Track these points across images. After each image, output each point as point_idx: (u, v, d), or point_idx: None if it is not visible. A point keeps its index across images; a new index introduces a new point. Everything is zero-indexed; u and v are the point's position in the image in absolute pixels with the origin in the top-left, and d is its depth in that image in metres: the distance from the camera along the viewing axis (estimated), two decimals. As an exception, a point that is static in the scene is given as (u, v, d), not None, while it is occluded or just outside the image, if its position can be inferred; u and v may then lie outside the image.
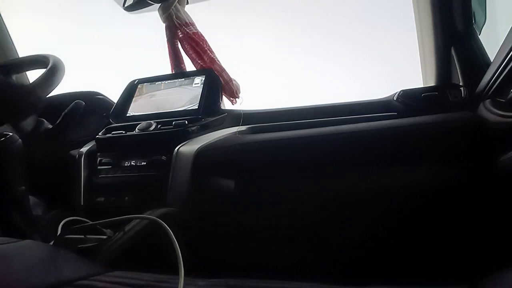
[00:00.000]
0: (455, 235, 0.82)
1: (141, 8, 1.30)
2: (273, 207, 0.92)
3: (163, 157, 0.95)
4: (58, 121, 0.99)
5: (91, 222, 0.75)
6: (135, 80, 1.27)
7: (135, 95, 1.22)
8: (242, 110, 1.16)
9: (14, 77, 0.92)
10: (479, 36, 1.01)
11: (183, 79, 1.20)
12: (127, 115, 1.16)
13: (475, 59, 0.98)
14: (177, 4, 1.26)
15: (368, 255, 0.87)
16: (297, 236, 0.90)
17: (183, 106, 1.12)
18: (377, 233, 0.87)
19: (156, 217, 0.66)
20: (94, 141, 1.07)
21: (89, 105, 1.08)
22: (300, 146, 0.94)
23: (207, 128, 1.04)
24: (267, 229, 0.92)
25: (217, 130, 1.06)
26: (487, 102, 0.82)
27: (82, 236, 0.72)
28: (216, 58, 1.25)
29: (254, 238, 0.92)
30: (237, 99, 1.25)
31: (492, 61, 0.85)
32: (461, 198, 0.83)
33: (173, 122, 1.01)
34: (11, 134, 0.76)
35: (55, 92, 0.99)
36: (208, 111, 1.09)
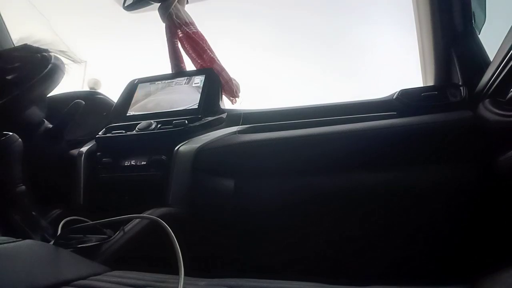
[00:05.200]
0: (455, 235, 0.82)
1: (141, 8, 1.30)
2: (273, 207, 0.92)
3: (163, 157, 0.95)
4: (58, 121, 0.99)
5: (91, 222, 0.75)
6: (135, 80, 1.27)
7: (135, 94, 1.22)
8: (242, 109, 1.16)
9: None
10: (479, 36, 1.01)
11: (183, 78, 1.20)
12: (127, 114, 1.16)
13: (474, 59, 0.98)
14: (177, 4, 1.26)
15: (368, 255, 0.87)
16: (297, 236, 0.90)
17: (183, 106, 1.12)
18: (376, 233, 0.87)
19: (156, 217, 0.66)
20: (94, 140, 1.07)
21: (89, 105, 1.08)
22: (300, 145, 0.94)
23: (207, 128, 1.04)
24: (267, 228, 0.92)
25: (217, 129, 1.06)
26: (487, 101, 0.82)
27: (82, 236, 0.72)
28: (216, 57, 1.25)
29: (254, 238, 0.92)
30: (237, 98, 1.25)
31: (491, 60, 0.85)
32: (460, 198, 0.83)
33: (173, 122, 1.01)
34: (11, 133, 0.76)
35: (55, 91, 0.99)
36: (208, 111, 1.09)
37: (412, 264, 0.85)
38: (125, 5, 1.30)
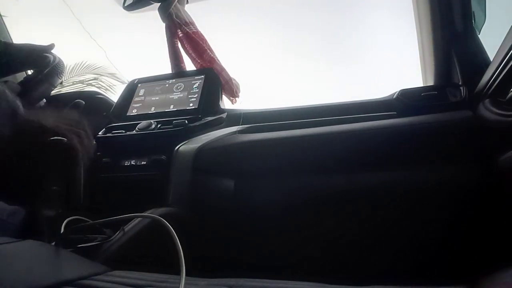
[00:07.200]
0: (455, 235, 0.82)
1: (141, 8, 1.30)
2: (273, 207, 0.92)
3: (163, 157, 0.95)
4: (58, 121, 0.99)
5: (91, 222, 0.75)
6: (135, 80, 1.27)
7: (135, 94, 1.22)
8: (242, 109, 1.16)
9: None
10: (479, 36, 1.01)
11: (183, 78, 1.20)
12: (127, 114, 1.16)
13: (474, 59, 0.98)
14: (177, 4, 1.26)
15: (368, 255, 0.87)
16: (297, 236, 0.90)
17: (183, 106, 1.12)
18: (376, 233, 0.87)
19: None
20: (94, 140, 1.07)
21: (89, 105, 1.07)
22: (300, 145, 0.94)
23: (207, 128, 1.04)
24: (267, 228, 0.92)
25: (217, 129, 1.06)
26: (487, 101, 0.82)
27: (82, 236, 0.72)
28: (216, 57, 1.25)
29: (254, 238, 0.92)
30: (237, 98, 1.25)
31: (491, 60, 0.85)
32: (460, 198, 0.83)
33: (173, 122, 1.01)
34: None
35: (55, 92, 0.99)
36: (208, 111, 1.09)
37: (412, 264, 0.85)
38: (125, 5, 1.30)
